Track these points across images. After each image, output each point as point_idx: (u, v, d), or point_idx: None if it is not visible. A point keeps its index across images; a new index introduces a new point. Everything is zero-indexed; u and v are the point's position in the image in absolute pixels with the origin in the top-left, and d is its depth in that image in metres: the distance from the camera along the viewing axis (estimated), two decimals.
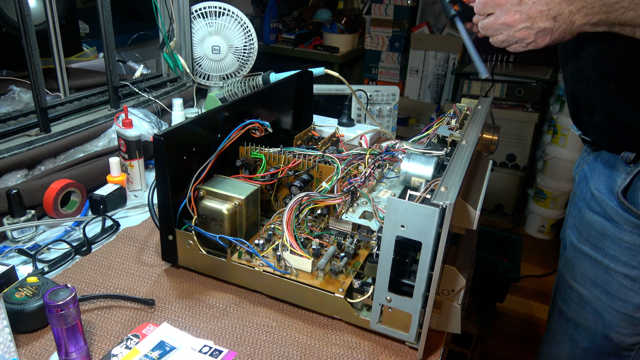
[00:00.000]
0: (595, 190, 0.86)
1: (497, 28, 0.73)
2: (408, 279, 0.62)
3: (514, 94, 2.50)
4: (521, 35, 0.71)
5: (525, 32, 0.70)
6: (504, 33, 0.73)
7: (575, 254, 0.91)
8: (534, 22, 0.69)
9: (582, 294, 0.90)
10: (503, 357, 1.91)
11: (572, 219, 0.94)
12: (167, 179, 0.71)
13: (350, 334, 0.68)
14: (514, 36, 0.72)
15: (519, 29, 0.70)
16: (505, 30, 0.72)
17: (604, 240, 0.85)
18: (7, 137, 1.00)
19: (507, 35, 0.72)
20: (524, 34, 0.71)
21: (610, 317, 0.86)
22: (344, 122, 1.37)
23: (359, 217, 0.72)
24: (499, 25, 0.72)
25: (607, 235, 0.84)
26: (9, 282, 0.69)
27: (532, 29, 0.70)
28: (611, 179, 0.84)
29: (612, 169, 0.84)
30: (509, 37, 0.72)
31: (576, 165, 0.99)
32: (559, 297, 0.97)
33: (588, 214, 0.88)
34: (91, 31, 1.71)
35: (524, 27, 0.70)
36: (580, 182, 0.94)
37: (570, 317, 0.94)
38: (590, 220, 0.87)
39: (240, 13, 1.44)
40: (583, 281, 0.90)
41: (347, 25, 2.93)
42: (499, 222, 2.76)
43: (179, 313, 0.71)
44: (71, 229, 0.90)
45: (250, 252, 0.74)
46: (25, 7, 0.94)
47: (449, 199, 0.54)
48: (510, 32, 0.72)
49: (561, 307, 0.96)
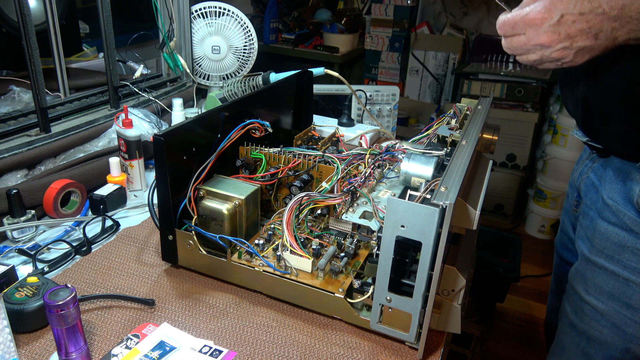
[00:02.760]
0: (610, 199, 0.82)
1: (530, 49, 0.67)
2: (408, 279, 0.62)
3: (514, 94, 2.50)
4: (558, 56, 0.66)
5: (563, 52, 0.65)
6: (537, 53, 0.67)
7: (587, 266, 0.87)
8: (573, 41, 0.63)
9: (596, 307, 0.86)
10: (503, 357, 1.91)
11: (583, 229, 0.89)
12: (167, 179, 0.71)
13: (350, 334, 0.68)
14: (550, 57, 0.66)
15: (556, 49, 0.65)
16: (539, 51, 0.66)
17: (623, 252, 0.80)
18: (7, 137, 1.00)
19: (540, 55, 0.67)
20: (562, 53, 0.65)
21: (632, 331, 0.82)
22: (344, 122, 1.36)
23: (359, 217, 0.72)
24: (533, 46, 0.66)
25: (625, 247, 0.80)
26: (9, 282, 0.69)
27: (571, 49, 0.64)
28: (626, 187, 0.79)
29: (627, 176, 0.80)
30: (543, 57, 0.67)
31: (578, 173, 0.95)
32: (570, 309, 0.92)
33: (602, 225, 0.83)
34: (91, 31, 1.71)
35: (562, 48, 0.64)
36: (588, 191, 0.89)
37: (583, 330, 0.89)
38: (605, 231, 0.82)
39: (240, 13, 1.44)
40: (598, 294, 0.85)
41: (347, 25, 2.93)
42: (499, 222, 2.76)
43: (179, 313, 0.71)
44: (71, 229, 0.90)
45: (250, 252, 0.74)
46: (25, 7, 0.94)
47: (449, 199, 0.54)
48: (546, 53, 0.66)
49: (573, 320, 0.92)
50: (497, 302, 1.93)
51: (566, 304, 0.95)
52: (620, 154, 0.82)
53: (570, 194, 1.01)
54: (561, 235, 1.10)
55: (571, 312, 0.92)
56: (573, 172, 1.01)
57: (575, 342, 0.92)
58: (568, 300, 0.94)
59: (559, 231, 1.12)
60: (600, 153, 0.87)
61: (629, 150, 0.79)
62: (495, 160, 2.66)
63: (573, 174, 1.00)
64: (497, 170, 2.66)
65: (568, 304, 0.94)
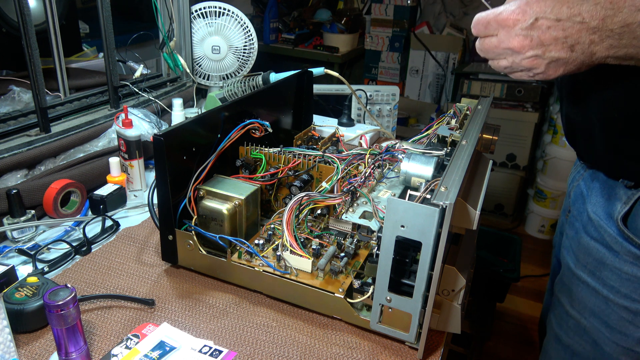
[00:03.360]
0: (593, 213, 0.79)
1: (500, 52, 0.62)
2: (408, 279, 0.62)
3: (513, 94, 2.50)
4: (529, 64, 0.61)
5: (534, 60, 0.60)
6: (508, 59, 0.62)
7: (572, 279, 0.84)
8: (546, 50, 0.58)
9: (580, 322, 0.83)
10: (503, 357, 1.91)
11: (569, 240, 0.87)
12: (167, 179, 0.71)
13: (350, 334, 0.68)
14: (519, 64, 0.62)
15: (527, 56, 0.60)
16: (509, 56, 0.62)
17: (603, 269, 0.77)
18: (7, 137, 1.00)
19: (511, 61, 0.62)
20: (533, 62, 0.60)
21: (610, 350, 0.80)
22: (344, 122, 1.37)
23: (359, 217, 0.72)
24: (503, 50, 0.61)
25: (605, 264, 0.77)
26: (9, 282, 0.69)
27: (543, 58, 0.59)
28: (609, 202, 0.76)
29: (611, 191, 0.77)
30: (514, 64, 0.62)
31: (571, 177, 0.93)
32: (555, 322, 0.90)
33: (585, 239, 0.80)
34: (91, 31, 1.71)
35: (534, 56, 0.59)
36: (576, 200, 0.87)
37: (568, 344, 0.87)
38: (587, 245, 0.80)
39: (240, 13, 1.44)
40: (581, 309, 0.82)
41: (347, 25, 2.93)
42: (499, 222, 2.76)
43: (179, 313, 0.71)
44: (71, 229, 0.90)
45: (250, 252, 0.74)
46: (25, 7, 0.94)
47: (449, 199, 0.54)
48: (517, 59, 0.61)
49: (558, 333, 0.89)
50: (497, 302, 1.93)
51: (552, 315, 0.92)
52: (604, 171, 0.79)
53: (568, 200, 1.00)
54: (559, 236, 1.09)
55: (556, 324, 0.90)
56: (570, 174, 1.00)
57: (561, 355, 0.89)
58: (554, 312, 0.91)
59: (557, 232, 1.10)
60: (588, 164, 0.85)
61: (611, 169, 0.77)
62: (495, 160, 2.66)
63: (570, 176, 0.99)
64: (497, 170, 2.66)
65: (554, 316, 0.91)
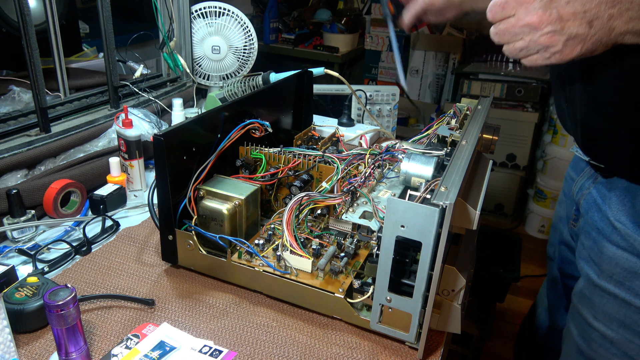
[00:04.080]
0: (617, 222, 0.76)
1: (517, 32, 0.60)
2: (408, 279, 0.62)
3: (514, 94, 2.50)
4: (546, 42, 0.59)
5: (552, 37, 0.58)
6: (525, 38, 0.60)
7: (594, 291, 0.81)
8: (565, 25, 0.57)
9: (606, 335, 0.80)
10: (503, 357, 1.91)
11: (586, 250, 0.84)
12: (167, 179, 0.71)
13: (350, 334, 0.68)
14: (537, 42, 0.59)
15: (545, 32, 0.58)
16: (527, 35, 0.60)
17: (634, 279, 0.75)
18: (7, 137, 1.00)
19: (528, 41, 0.60)
20: (551, 39, 0.58)
21: None
22: (344, 122, 1.36)
23: (359, 217, 0.72)
24: (520, 28, 0.59)
25: (637, 274, 0.74)
26: (9, 282, 0.69)
27: (561, 34, 0.58)
28: (635, 209, 0.74)
29: (635, 198, 0.74)
30: (531, 43, 0.60)
31: (578, 186, 0.89)
32: (577, 333, 0.86)
33: (610, 249, 0.77)
34: (91, 31, 1.71)
35: (552, 31, 0.58)
36: (589, 209, 0.83)
37: (591, 357, 0.84)
38: (614, 255, 0.77)
39: (240, 13, 1.44)
40: (607, 321, 0.79)
41: (347, 25, 2.93)
42: (499, 222, 2.76)
43: (179, 313, 0.71)
44: (71, 229, 0.90)
45: (250, 252, 0.74)
46: (25, 7, 0.94)
47: (449, 199, 0.54)
48: (534, 37, 0.59)
49: (580, 345, 0.86)
50: (497, 302, 1.92)
51: (572, 326, 0.88)
52: (626, 176, 0.76)
53: (568, 204, 0.95)
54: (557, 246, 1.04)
55: (578, 336, 0.86)
56: (568, 180, 0.95)
57: None
58: (574, 323, 0.88)
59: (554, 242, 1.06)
60: (604, 173, 0.81)
61: (635, 171, 0.74)
62: (495, 160, 2.66)
63: (569, 181, 0.94)
64: (497, 170, 2.66)
65: (574, 327, 0.87)
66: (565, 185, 0.97)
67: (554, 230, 1.07)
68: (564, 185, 0.99)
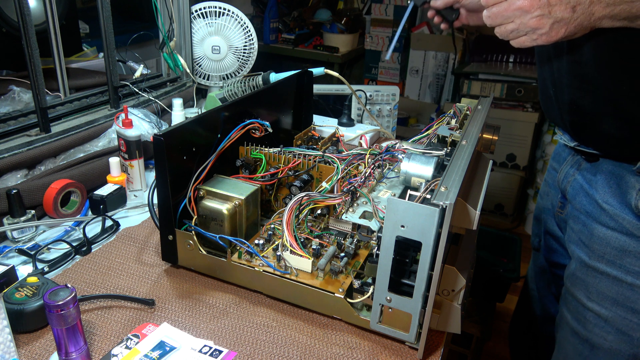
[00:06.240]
0: (605, 204, 0.80)
1: (509, 15, 0.67)
2: (408, 279, 0.62)
3: (513, 94, 2.50)
4: (535, 24, 0.66)
5: (540, 20, 0.65)
6: (516, 21, 0.67)
7: (587, 272, 0.85)
8: (552, 9, 0.64)
9: (600, 314, 0.84)
10: (503, 357, 1.91)
11: (576, 234, 0.88)
12: (167, 179, 0.71)
13: (350, 334, 0.68)
14: (526, 25, 0.67)
15: (534, 15, 0.65)
16: (517, 18, 0.67)
17: (624, 257, 0.79)
18: (7, 137, 1.00)
19: (518, 23, 0.67)
20: (539, 22, 0.66)
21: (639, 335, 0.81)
22: (344, 122, 1.37)
23: (359, 217, 0.72)
24: (512, 12, 0.67)
25: (627, 251, 0.79)
26: (9, 282, 0.69)
27: (548, 18, 0.65)
28: (621, 190, 0.78)
29: (621, 180, 0.79)
30: (521, 25, 0.67)
31: (562, 174, 0.93)
32: (571, 316, 0.90)
33: (600, 230, 0.82)
34: (91, 31, 1.71)
35: (540, 15, 0.65)
36: (576, 195, 0.88)
37: (586, 337, 0.87)
38: (604, 236, 0.81)
39: (240, 13, 1.44)
40: (601, 300, 0.83)
41: (347, 25, 2.93)
42: (499, 222, 2.76)
43: (179, 313, 0.71)
44: (71, 229, 0.90)
45: (250, 252, 0.74)
46: (25, 7, 0.94)
47: (449, 199, 0.54)
48: (524, 20, 0.66)
49: (574, 327, 0.90)
50: (497, 302, 1.92)
51: (565, 311, 0.92)
52: (614, 156, 0.81)
53: (553, 194, 0.99)
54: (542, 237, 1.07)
55: (572, 319, 0.90)
56: (551, 171, 0.99)
57: (578, 350, 0.90)
58: (567, 307, 0.92)
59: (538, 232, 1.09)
60: (588, 158, 0.86)
61: (623, 151, 0.78)
62: (495, 160, 2.66)
63: (552, 172, 0.98)
64: (497, 170, 2.66)
65: (568, 311, 0.91)
66: (549, 176, 1.01)
67: (537, 222, 1.10)
68: (547, 176, 1.03)
